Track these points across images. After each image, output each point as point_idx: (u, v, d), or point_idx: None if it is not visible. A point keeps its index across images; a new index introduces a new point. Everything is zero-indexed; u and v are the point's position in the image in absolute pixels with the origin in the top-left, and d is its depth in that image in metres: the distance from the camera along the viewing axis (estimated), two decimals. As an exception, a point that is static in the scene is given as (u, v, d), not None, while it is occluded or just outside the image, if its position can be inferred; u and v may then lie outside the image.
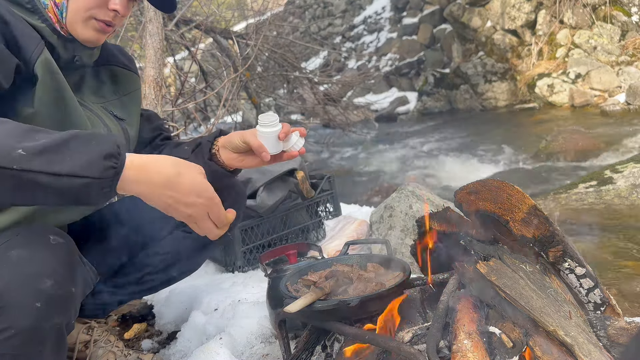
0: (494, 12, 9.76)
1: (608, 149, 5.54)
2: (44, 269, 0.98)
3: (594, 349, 1.07)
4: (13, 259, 0.97)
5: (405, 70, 11.66)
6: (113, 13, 1.24)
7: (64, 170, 0.89)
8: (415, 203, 2.45)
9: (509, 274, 1.20)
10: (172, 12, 1.40)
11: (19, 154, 0.87)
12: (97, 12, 1.23)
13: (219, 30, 5.80)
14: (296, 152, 1.40)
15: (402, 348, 1.13)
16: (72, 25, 1.23)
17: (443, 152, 7.19)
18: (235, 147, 1.41)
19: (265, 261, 1.87)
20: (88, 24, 1.24)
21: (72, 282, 1.04)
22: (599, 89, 8.03)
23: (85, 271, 1.10)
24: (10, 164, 0.86)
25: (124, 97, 1.46)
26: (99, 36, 1.27)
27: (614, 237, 2.50)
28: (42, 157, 0.88)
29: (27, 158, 0.87)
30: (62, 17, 1.22)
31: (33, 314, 0.96)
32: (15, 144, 0.87)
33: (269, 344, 1.74)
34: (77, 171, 0.89)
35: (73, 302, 1.05)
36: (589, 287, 1.29)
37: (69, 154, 0.90)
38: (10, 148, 0.87)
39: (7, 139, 0.88)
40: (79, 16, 1.22)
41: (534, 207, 1.30)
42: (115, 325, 2.08)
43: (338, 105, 7.25)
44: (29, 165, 0.87)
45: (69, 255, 1.05)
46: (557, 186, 4.23)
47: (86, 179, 0.90)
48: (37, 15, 1.20)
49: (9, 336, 0.95)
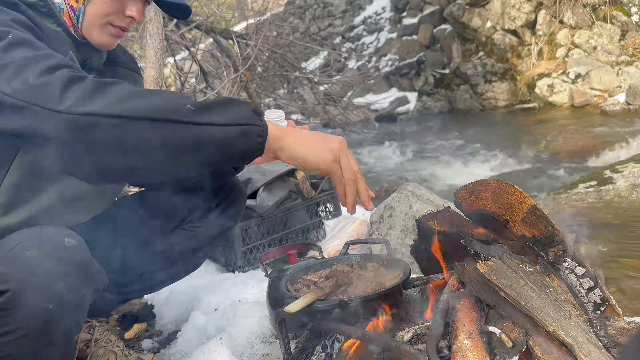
0: (494, 12, 9.76)
1: (608, 148, 5.55)
2: (57, 271, 0.99)
3: (594, 349, 1.07)
4: (27, 260, 0.98)
5: (405, 70, 11.66)
6: (129, 19, 1.28)
7: (228, 120, 0.99)
8: (415, 203, 2.45)
9: (509, 274, 1.20)
10: (187, 19, 1.45)
11: (188, 109, 0.97)
12: (114, 18, 1.26)
13: (219, 30, 5.80)
14: None
15: (402, 348, 1.13)
16: (88, 30, 1.26)
17: (443, 152, 7.19)
18: None
19: (265, 261, 1.87)
20: (104, 30, 1.27)
21: (84, 285, 1.04)
22: (599, 89, 8.03)
23: (96, 273, 1.11)
24: (183, 117, 0.96)
25: None
26: (114, 41, 1.31)
27: (614, 237, 2.50)
28: (207, 111, 0.99)
29: (195, 112, 0.97)
30: (78, 22, 1.25)
31: (44, 316, 0.96)
32: (183, 101, 0.98)
33: (269, 343, 1.74)
34: (238, 120, 1.00)
35: (83, 304, 1.06)
36: (589, 286, 1.29)
37: (227, 109, 1.01)
38: (180, 105, 0.97)
39: (173, 99, 0.99)
40: (96, 22, 1.25)
41: (533, 207, 1.30)
42: (115, 325, 2.08)
43: (338, 105, 7.24)
44: (198, 119, 0.97)
45: (83, 257, 1.05)
46: (557, 186, 4.23)
47: (246, 125, 1.01)
48: (52, 19, 1.22)
49: (19, 337, 0.95)
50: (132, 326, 2.05)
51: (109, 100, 0.94)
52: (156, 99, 0.97)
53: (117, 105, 0.94)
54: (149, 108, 0.95)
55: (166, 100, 0.98)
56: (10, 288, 0.95)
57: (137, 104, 0.95)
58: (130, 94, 0.96)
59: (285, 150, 1.09)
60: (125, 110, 0.93)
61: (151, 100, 0.97)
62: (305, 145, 1.09)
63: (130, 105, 0.94)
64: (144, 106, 0.95)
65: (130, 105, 0.94)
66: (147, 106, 0.95)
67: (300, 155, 1.09)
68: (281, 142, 1.08)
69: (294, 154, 1.09)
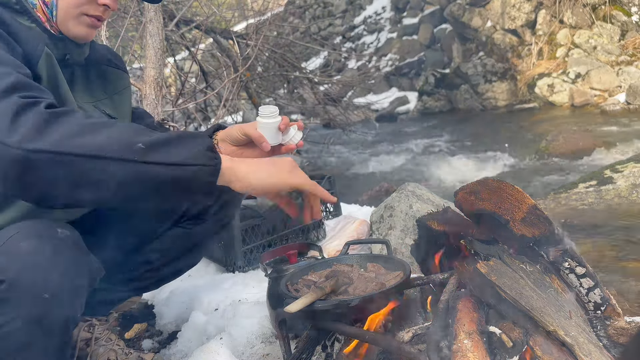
0: (494, 12, 9.77)
1: (608, 148, 5.55)
2: (52, 260, 1.00)
3: (594, 349, 1.07)
4: (23, 250, 0.99)
5: (405, 70, 11.66)
6: (103, 8, 1.26)
7: (179, 160, 0.98)
8: (415, 203, 2.44)
9: (509, 274, 1.20)
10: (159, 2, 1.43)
11: (139, 147, 0.96)
12: (88, 8, 1.24)
13: (219, 30, 5.80)
14: (294, 145, 1.41)
15: (403, 348, 1.13)
16: (64, 23, 1.24)
17: (443, 152, 7.19)
18: (235, 140, 1.42)
19: (265, 261, 1.87)
20: (79, 21, 1.25)
21: (80, 275, 1.05)
22: (599, 89, 8.03)
23: (91, 264, 1.11)
24: (133, 155, 0.95)
25: (115, 96, 1.46)
26: (90, 32, 1.28)
27: (614, 237, 2.50)
28: (158, 150, 0.97)
29: (146, 151, 0.96)
30: (53, 16, 1.23)
31: (40, 305, 0.97)
32: (134, 139, 0.97)
33: (270, 344, 1.74)
34: (189, 160, 0.99)
35: (79, 295, 1.06)
36: (589, 286, 1.29)
37: (180, 147, 1.00)
38: (131, 142, 0.96)
39: (125, 135, 0.97)
40: (70, 13, 1.23)
41: (534, 207, 1.30)
42: (115, 324, 2.08)
43: (338, 105, 7.24)
44: (150, 157, 0.96)
45: (77, 247, 1.06)
46: (557, 186, 4.23)
47: (197, 166, 1.00)
48: (26, 16, 1.21)
49: (16, 327, 0.96)
50: (132, 326, 2.05)
51: (60, 135, 0.93)
52: (108, 135, 0.96)
53: (68, 142, 0.93)
54: (100, 145, 0.94)
55: (118, 137, 0.97)
56: (6, 278, 0.96)
57: (87, 140, 0.94)
58: (81, 128, 0.95)
59: (239, 181, 1.08)
60: (76, 147, 0.93)
61: (102, 137, 0.96)
62: (259, 172, 1.10)
63: (81, 141, 0.94)
64: (94, 143, 0.94)
65: (81, 142, 0.94)
66: (98, 143, 0.95)
67: (256, 183, 1.09)
68: (232, 174, 1.07)
69: (246, 184, 1.08)
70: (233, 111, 6.44)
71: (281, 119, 1.37)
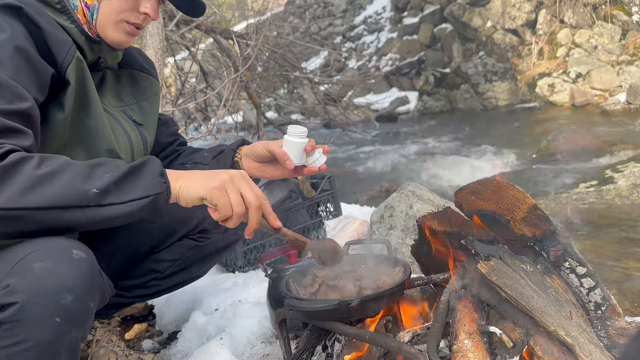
0: (494, 11, 9.76)
1: (609, 148, 5.54)
2: (65, 283, 0.98)
3: (594, 349, 1.07)
4: (36, 272, 0.97)
5: (405, 70, 11.65)
6: (143, 16, 1.27)
7: (135, 196, 1.03)
8: (415, 203, 2.44)
9: (509, 274, 1.20)
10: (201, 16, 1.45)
11: (94, 192, 1.00)
12: (129, 15, 1.25)
13: (219, 30, 5.80)
14: (317, 168, 1.41)
15: (403, 348, 1.13)
16: (103, 28, 1.25)
17: (443, 152, 7.18)
18: (259, 156, 1.42)
19: (265, 261, 1.87)
20: (119, 27, 1.26)
21: (91, 298, 1.04)
22: (599, 89, 8.02)
23: (103, 286, 1.10)
24: (88, 202, 0.99)
25: (143, 102, 1.47)
26: (129, 39, 1.30)
27: (615, 237, 2.50)
28: (112, 192, 1.01)
29: (100, 195, 1.00)
30: (93, 19, 1.24)
31: (51, 329, 0.97)
32: (87, 186, 1.00)
33: (270, 344, 1.74)
34: (144, 193, 1.04)
35: (90, 316, 1.06)
36: (590, 286, 1.29)
37: (133, 182, 1.04)
38: (84, 190, 0.99)
39: (77, 182, 1.00)
40: (111, 19, 1.24)
41: (534, 207, 1.30)
42: (116, 325, 2.08)
43: (338, 105, 7.24)
44: (106, 201, 1.00)
45: (91, 270, 1.05)
46: (557, 186, 4.23)
47: (153, 196, 1.04)
48: (66, 16, 1.22)
49: (26, 348, 0.95)
50: (133, 327, 2.05)
51: (15, 191, 0.96)
52: (60, 186, 0.99)
53: (24, 198, 0.96)
54: (55, 196, 0.98)
55: (71, 186, 0.99)
56: (19, 300, 0.95)
57: (42, 193, 0.97)
58: (36, 181, 0.97)
59: (182, 196, 1.10)
60: (32, 202, 0.96)
61: (54, 189, 0.98)
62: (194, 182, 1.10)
63: (37, 195, 0.97)
64: (47, 196, 0.97)
65: (37, 196, 0.97)
66: (53, 194, 0.98)
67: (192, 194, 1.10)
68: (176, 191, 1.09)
69: (187, 196, 1.10)
70: (233, 111, 6.44)
71: (308, 141, 1.36)
